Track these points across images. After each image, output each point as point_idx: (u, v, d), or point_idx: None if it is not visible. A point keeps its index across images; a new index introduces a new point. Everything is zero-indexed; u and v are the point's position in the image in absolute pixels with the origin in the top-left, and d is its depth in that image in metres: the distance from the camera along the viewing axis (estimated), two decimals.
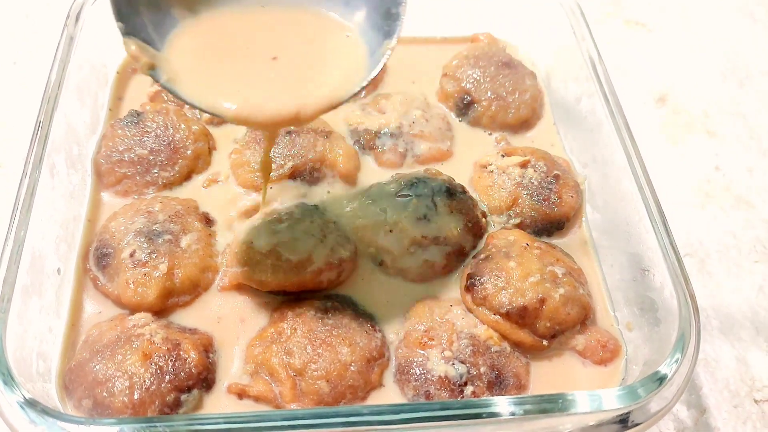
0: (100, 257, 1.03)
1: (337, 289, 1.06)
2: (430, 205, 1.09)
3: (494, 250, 1.07)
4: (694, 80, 1.71)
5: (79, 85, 1.19)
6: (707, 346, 1.22)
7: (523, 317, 0.99)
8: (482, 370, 0.95)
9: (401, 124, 1.25)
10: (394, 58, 1.39)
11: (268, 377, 0.94)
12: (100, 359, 0.91)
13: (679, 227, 1.36)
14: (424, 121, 1.26)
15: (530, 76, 1.36)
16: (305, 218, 1.06)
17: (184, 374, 0.91)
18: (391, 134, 1.24)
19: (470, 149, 1.28)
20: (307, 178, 1.17)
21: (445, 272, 1.09)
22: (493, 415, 0.80)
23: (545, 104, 1.38)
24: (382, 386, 0.97)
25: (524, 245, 1.06)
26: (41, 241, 0.99)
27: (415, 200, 1.09)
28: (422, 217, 1.08)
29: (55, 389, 0.93)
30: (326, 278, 1.02)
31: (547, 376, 1.00)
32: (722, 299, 1.29)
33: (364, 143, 1.25)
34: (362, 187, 1.18)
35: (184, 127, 1.19)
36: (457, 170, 1.21)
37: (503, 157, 1.20)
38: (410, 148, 1.24)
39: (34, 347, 0.92)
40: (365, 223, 1.10)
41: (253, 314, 1.03)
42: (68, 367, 0.94)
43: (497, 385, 0.95)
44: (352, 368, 0.93)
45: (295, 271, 1.00)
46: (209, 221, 1.11)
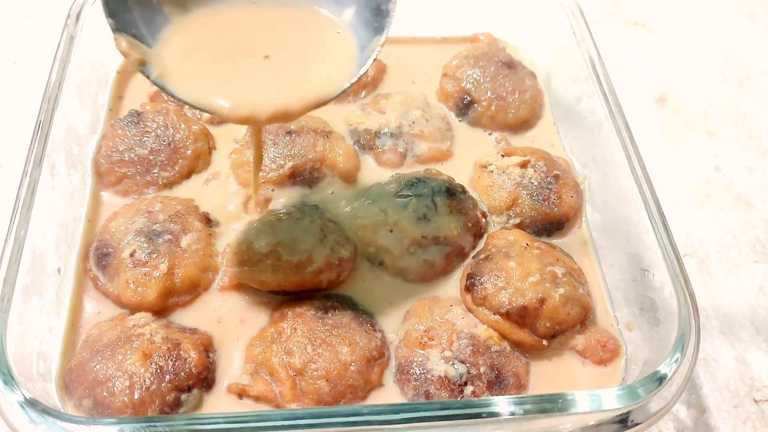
0: (100, 257, 1.04)
1: (337, 289, 1.06)
2: (430, 205, 1.09)
3: (494, 250, 1.07)
4: (694, 80, 1.71)
5: (79, 84, 1.19)
6: (707, 346, 1.22)
7: (523, 317, 0.99)
8: (482, 369, 0.95)
9: (401, 124, 1.25)
10: (394, 58, 1.43)
11: (268, 377, 0.94)
12: (100, 359, 0.91)
13: (679, 227, 1.36)
14: (424, 121, 1.26)
15: (530, 76, 1.36)
16: (305, 218, 1.06)
17: (184, 374, 0.91)
18: (391, 134, 1.24)
19: (470, 149, 1.28)
20: (307, 178, 1.17)
21: (445, 272, 1.09)
22: (492, 414, 0.80)
23: (545, 104, 1.38)
24: (382, 386, 0.97)
25: (524, 245, 1.06)
26: (41, 240, 0.99)
27: (415, 200, 1.09)
28: (422, 217, 1.08)
29: (55, 389, 0.93)
30: (326, 278, 1.02)
31: (546, 375, 1.00)
32: (722, 299, 1.29)
33: (364, 143, 1.25)
34: (362, 187, 1.18)
35: (184, 126, 1.19)
36: (457, 170, 1.21)
37: (503, 157, 1.20)
38: (410, 148, 1.24)
39: (34, 347, 0.92)
40: (365, 223, 1.10)
41: (253, 314, 1.03)
42: (68, 366, 0.94)
43: (497, 384, 0.95)
44: (352, 368, 0.93)
45: (295, 271, 1.00)
46: (209, 221, 1.11)
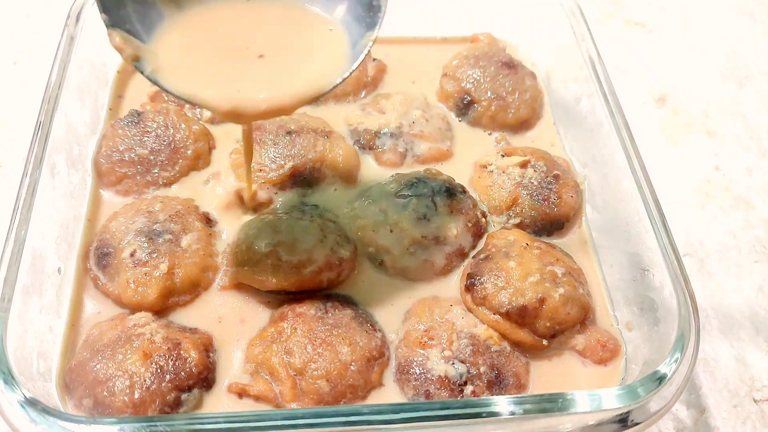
0: (100, 257, 1.04)
1: (337, 288, 1.06)
2: (430, 205, 1.09)
3: (494, 249, 1.07)
4: (693, 80, 1.71)
5: (79, 84, 1.19)
6: (707, 345, 1.22)
7: (522, 317, 0.99)
8: (482, 369, 0.95)
9: (401, 124, 1.25)
10: (394, 58, 1.43)
11: (268, 376, 0.94)
12: (100, 359, 0.91)
13: (678, 227, 1.36)
14: (424, 121, 1.26)
15: (530, 76, 1.36)
16: (305, 218, 1.06)
17: (184, 373, 0.91)
18: (391, 134, 1.24)
19: (470, 149, 1.28)
20: (307, 178, 1.17)
21: (445, 272, 1.09)
22: (492, 414, 0.80)
23: (545, 104, 1.38)
24: (382, 386, 0.97)
25: (524, 245, 1.06)
26: (42, 240, 0.99)
27: (415, 200, 1.09)
28: (422, 217, 1.08)
29: (55, 388, 0.93)
30: (326, 278, 1.02)
31: (546, 375, 1.00)
32: (722, 299, 1.29)
33: (364, 143, 1.25)
34: (362, 187, 1.18)
35: (184, 126, 1.20)
36: (457, 170, 1.21)
37: (503, 157, 1.20)
38: (410, 148, 1.24)
39: (34, 347, 0.92)
40: (365, 222, 1.10)
41: (253, 314, 1.03)
42: (69, 366, 0.94)
43: (497, 384, 0.95)
44: (352, 368, 0.94)
45: (295, 270, 1.00)
46: (209, 221, 1.11)
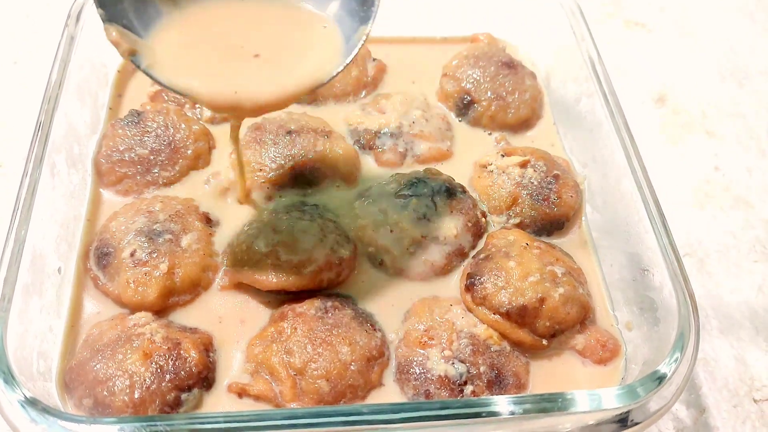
0: (100, 257, 1.04)
1: (337, 288, 1.06)
2: (429, 204, 1.09)
3: (494, 249, 1.07)
4: (693, 80, 1.71)
5: (79, 84, 1.19)
6: (706, 345, 1.22)
7: (522, 317, 0.99)
8: (482, 369, 0.95)
9: (401, 123, 1.25)
10: (394, 58, 1.43)
11: (268, 376, 0.94)
12: (100, 358, 0.91)
13: (678, 227, 1.37)
14: (424, 121, 1.26)
15: (530, 76, 1.36)
16: (305, 218, 1.06)
17: (184, 373, 0.92)
18: (391, 134, 1.24)
19: (470, 149, 1.28)
20: (307, 178, 1.17)
21: (444, 272, 1.09)
22: (492, 414, 0.80)
23: (545, 104, 1.38)
24: (382, 385, 0.97)
25: (524, 245, 1.06)
26: (42, 240, 0.99)
27: (414, 200, 1.09)
28: (422, 216, 1.08)
29: (55, 388, 0.93)
30: (326, 278, 1.02)
31: (546, 375, 1.00)
32: (721, 299, 1.29)
33: (364, 143, 1.25)
34: (362, 187, 1.18)
35: (184, 126, 1.20)
36: (457, 170, 1.21)
37: (503, 157, 1.20)
38: (410, 147, 1.24)
39: (34, 346, 0.92)
40: (365, 222, 1.10)
41: (253, 313, 1.03)
42: (69, 366, 0.94)
43: (497, 384, 0.95)
44: (352, 367, 0.94)
45: (295, 270, 1.00)
46: (209, 221, 1.11)
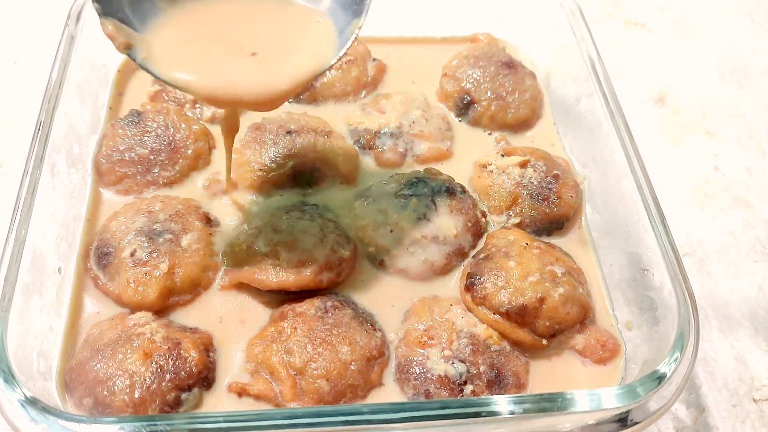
0: (100, 256, 1.04)
1: (337, 288, 1.06)
2: (429, 204, 1.10)
3: (494, 249, 1.07)
4: (693, 80, 1.71)
5: (79, 84, 1.19)
6: (706, 345, 1.22)
7: (522, 316, 0.99)
8: (482, 369, 0.95)
9: (401, 123, 1.25)
10: (394, 58, 1.43)
11: (268, 376, 0.94)
12: (100, 358, 0.91)
13: (678, 227, 1.37)
14: (424, 120, 1.26)
15: (530, 76, 1.36)
16: (305, 218, 1.06)
17: (184, 373, 0.92)
18: (391, 134, 1.24)
19: (470, 149, 1.28)
20: (307, 177, 1.17)
21: (444, 272, 1.09)
22: (492, 413, 0.80)
23: (545, 104, 1.38)
24: (382, 385, 0.97)
25: (524, 245, 1.06)
26: (42, 240, 0.99)
27: (414, 200, 1.09)
28: (422, 216, 1.08)
29: (55, 388, 0.93)
30: (326, 278, 1.02)
31: (546, 375, 1.01)
32: (721, 299, 1.29)
33: (364, 143, 1.25)
34: (362, 186, 1.19)
35: (184, 126, 1.20)
36: (456, 170, 1.21)
37: (503, 156, 1.20)
38: (410, 147, 1.24)
39: (35, 346, 0.92)
40: (365, 222, 1.10)
41: (253, 313, 1.03)
42: (69, 365, 0.94)
43: (497, 384, 0.95)
44: (352, 367, 0.94)
45: (295, 270, 1.01)
46: (209, 220, 1.11)
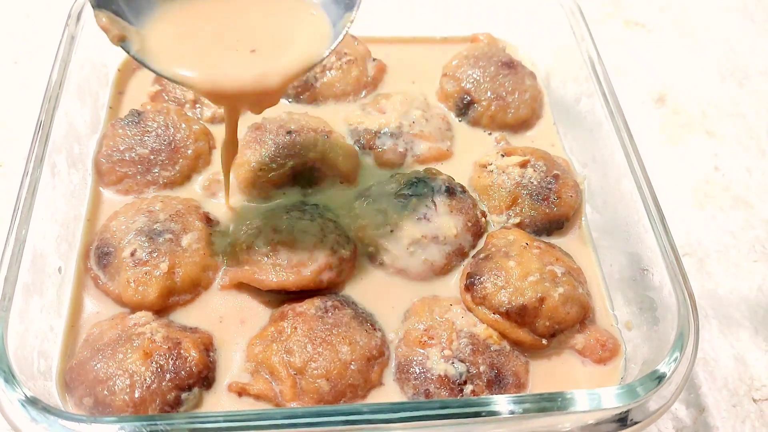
0: (100, 256, 1.04)
1: (337, 288, 1.06)
2: (429, 204, 1.10)
3: (494, 249, 1.07)
4: (693, 80, 1.71)
5: (80, 84, 1.19)
6: (706, 345, 1.22)
7: (522, 316, 0.99)
8: (482, 368, 0.95)
9: (401, 123, 1.25)
10: (394, 58, 1.43)
11: (268, 376, 0.94)
12: (101, 358, 0.91)
13: (678, 227, 1.37)
14: (424, 120, 1.26)
15: (530, 76, 1.36)
16: (305, 218, 1.06)
17: (184, 373, 0.92)
18: (391, 134, 1.24)
19: (470, 149, 1.28)
20: (307, 177, 1.17)
21: (444, 272, 1.09)
22: (492, 413, 0.80)
23: (545, 104, 1.38)
24: (381, 385, 0.97)
25: (524, 245, 1.06)
26: (42, 240, 0.99)
27: (414, 200, 1.10)
28: (422, 216, 1.08)
29: (56, 387, 0.93)
30: (326, 277, 1.02)
31: (546, 374, 1.01)
32: (721, 298, 1.29)
33: (364, 143, 1.25)
34: (362, 186, 1.19)
35: (184, 126, 1.20)
36: (456, 170, 1.21)
37: (503, 156, 1.20)
38: (410, 147, 1.24)
39: (35, 345, 0.92)
40: (365, 222, 1.10)
41: (253, 313, 1.03)
42: (69, 365, 0.94)
43: (497, 383, 0.95)
44: (352, 367, 0.94)
45: (295, 270, 1.01)
46: (210, 220, 1.11)
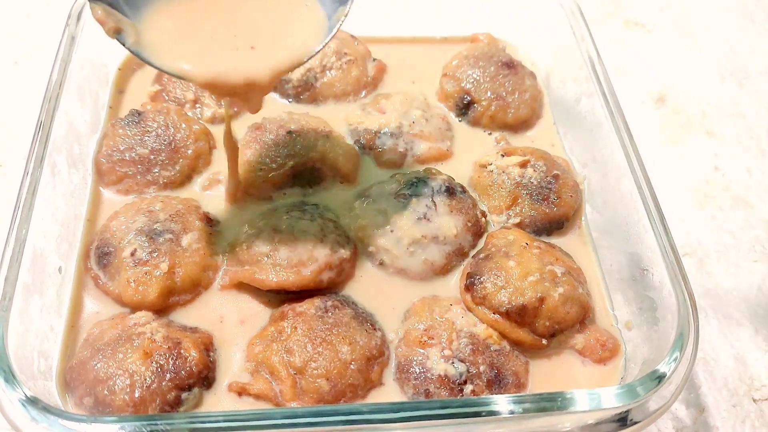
0: (101, 256, 1.04)
1: (337, 288, 1.06)
2: (429, 204, 1.10)
3: (494, 249, 1.07)
4: (693, 80, 1.71)
5: (80, 84, 1.19)
6: (706, 345, 1.22)
7: (522, 316, 0.99)
8: (482, 368, 0.95)
9: (401, 123, 1.25)
10: (394, 58, 1.43)
11: (268, 375, 0.94)
12: (101, 357, 0.91)
13: (678, 227, 1.37)
14: (424, 120, 1.26)
15: (530, 76, 1.36)
16: (305, 218, 1.06)
17: (184, 372, 0.92)
18: (391, 134, 1.24)
19: (470, 149, 1.28)
20: (307, 177, 1.17)
21: (444, 272, 1.09)
22: (492, 413, 0.80)
23: (545, 104, 1.38)
24: (381, 385, 0.97)
25: (524, 245, 1.06)
26: (42, 239, 0.99)
27: (414, 200, 1.10)
28: (422, 216, 1.08)
29: (56, 387, 0.93)
30: (326, 277, 1.03)
31: (546, 374, 1.01)
32: (721, 298, 1.29)
33: (364, 143, 1.25)
34: (362, 186, 1.19)
35: (184, 126, 1.20)
36: (456, 170, 1.21)
37: (503, 156, 1.21)
38: (410, 147, 1.24)
39: (35, 345, 0.92)
40: (365, 222, 1.10)
41: (253, 313, 1.03)
42: (69, 365, 0.94)
43: (496, 383, 0.95)
44: (352, 367, 0.94)
45: (295, 270, 1.01)
46: (210, 220, 1.11)
